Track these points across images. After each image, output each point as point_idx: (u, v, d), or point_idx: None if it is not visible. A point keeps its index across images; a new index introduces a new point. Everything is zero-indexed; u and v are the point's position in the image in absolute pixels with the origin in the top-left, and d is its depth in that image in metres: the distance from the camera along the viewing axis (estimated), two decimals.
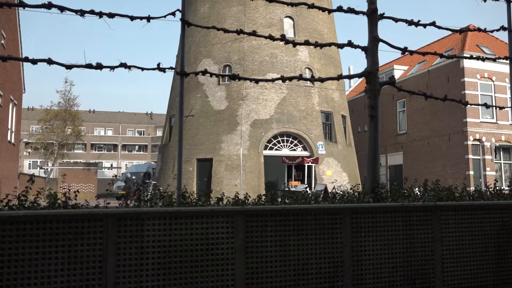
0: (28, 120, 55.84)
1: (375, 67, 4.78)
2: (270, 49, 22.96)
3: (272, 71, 22.75)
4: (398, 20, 4.57)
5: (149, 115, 76.67)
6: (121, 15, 3.25)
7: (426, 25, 4.49)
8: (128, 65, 3.26)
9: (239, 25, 22.79)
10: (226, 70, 23.22)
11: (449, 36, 30.68)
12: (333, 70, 24.77)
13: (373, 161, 5.34)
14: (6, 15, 21.15)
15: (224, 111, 22.82)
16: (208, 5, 24.68)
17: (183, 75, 3.26)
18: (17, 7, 2.77)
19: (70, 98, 44.01)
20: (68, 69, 3.06)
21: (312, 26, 24.50)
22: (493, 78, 26.30)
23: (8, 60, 2.81)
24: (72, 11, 3.07)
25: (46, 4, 3.00)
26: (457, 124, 25.90)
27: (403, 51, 4.73)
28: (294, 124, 22.80)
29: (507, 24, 5.17)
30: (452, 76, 26.45)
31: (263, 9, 23.43)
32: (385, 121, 30.16)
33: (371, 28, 4.39)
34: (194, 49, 24.24)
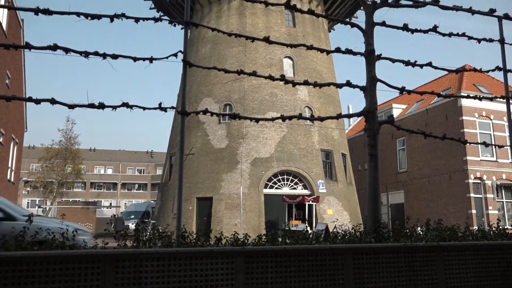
0: (28, 158, 55.92)
1: (373, 106, 4.83)
2: (270, 88, 23.31)
3: (272, 109, 22.99)
4: (395, 61, 4.67)
5: (149, 153, 76.83)
6: (124, 56, 3.32)
7: (422, 65, 4.58)
8: (130, 105, 3.29)
9: (239, 65, 23.25)
10: (227, 108, 23.48)
11: (446, 75, 31.20)
12: (332, 109, 25.04)
13: (374, 200, 5.30)
14: (12, 56, 21.62)
15: (224, 150, 22.88)
16: (209, 46, 25.27)
17: (184, 114, 3.29)
18: (23, 48, 2.83)
19: (71, 137, 44.31)
20: (70, 108, 3.10)
21: (311, 66, 24.98)
22: (491, 116, 26.54)
23: (12, 100, 2.86)
24: (76, 53, 3.14)
25: (51, 46, 3.07)
26: (458, 163, 25.89)
27: (401, 91, 4.80)
28: (294, 162, 22.80)
29: (502, 64, 5.27)
30: (451, 115, 26.70)
31: (263, 50, 23.98)
32: (385, 160, 30.18)
33: (369, 68, 4.48)
34: (195, 88, 24.60)
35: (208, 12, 26.32)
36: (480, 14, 4.65)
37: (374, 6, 4.33)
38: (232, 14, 25.26)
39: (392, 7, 4.17)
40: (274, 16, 24.99)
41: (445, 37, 4.67)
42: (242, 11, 24.98)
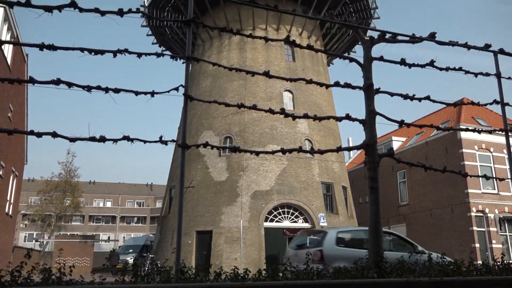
0: (27, 191, 55.63)
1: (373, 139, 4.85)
2: (270, 121, 23.46)
3: (272, 142, 23.07)
4: (393, 95, 4.72)
5: (149, 186, 76.50)
6: (126, 90, 3.36)
7: (421, 99, 4.62)
8: (130, 138, 3.31)
9: (240, 99, 23.51)
10: (227, 141, 23.56)
11: (445, 108, 31.48)
12: (332, 142, 25.12)
13: (375, 233, 5.24)
14: (15, 89, 21.89)
15: (224, 182, 22.80)
16: (210, 80, 25.63)
17: (185, 147, 3.30)
18: (27, 83, 2.87)
19: (71, 169, 44.22)
20: (72, 142, 3.11)
21: (311, 99, 25.25)
22: (491, 149, 26.59)
23: (14, 133, 2.87)
24: (79, 87, 3.18)
25: (55, 80, 3.11)
26: (459, 195, 25.74)
27: (400, 124, 4.82)
28: (294, 195, 22.67)
29: (499, 97, 5.33)
30: (450, 147, 26.76)
31: (263, 84, 24.30)
32: (386, 192, 30.01)
33: (368, 102, 4.52)
34: (195, 121, 24.77)
35: (209, 46, 26.84)
36: (475, 49, 4.74)
37: (372, 42, 4.42)
38: (233, 49, 25.75)
39: (390, 42, 4.25)
40: (274, 51, 25.47)
41: (442, 71, 4.74)
42: (243, 46, 25.48)
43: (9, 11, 18.50)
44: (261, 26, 25.75)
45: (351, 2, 27.67)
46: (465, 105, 7.59)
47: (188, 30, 3.24)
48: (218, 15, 26.01)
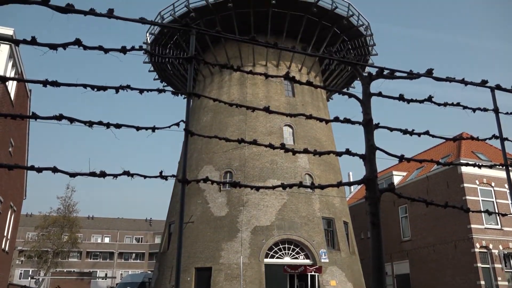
0: (25, 226, 54.96)
1: (373, 174, 4.84)
2: (270, 155, 23.49)
3: (272, 177, 23.00)
4: (393, 130, 4.74)
5: (148, 221, 75.66)
6: (127, 125, 3.38)
7: (420, 134, 4.64)
8: (131, 173, 3.30)
9: (240, 133, 23.64)
10: (227, 176, 23.50)
11: (444, 142, 31.58)
12: (332, 176, 25.05)
13: (378, 270, 5.14)
14: (17, 124, 22.05)
15: (224, 218, 22.57)
16: (211, 115, 25.85)
17: (185, 182, 3.29)
18: (29, 118, 2.90)
19: (70, 204, 43.89)
20: (72, 177, 3.11)
21: (311, 134, 25.37)
22: (492, 183, 26.47)
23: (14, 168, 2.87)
24: (81, 122, 3.20)
25: (57, 116, 3.14)
26: (462, 231, 25.39)
27: (400, 159, 4.82)
28: (295, 230, 22.38)
29: (498, 132, 5.35)
30: (452, 182, 26.64)
31: (263, 119, 24.49)
32: (388, 228, 29.63)
33: (368, 137, 4.54)
34: (196, 156, 24.80)
35: (210, 82, 27.25)
36: (472, 85, 4.81)
37: (370, 78, 4.48)
38: (234, 84, 26.12)
39: (388, 78, 4.32)
40: (274, 86, 25.82)
41: (441, 106, 4.78)
42: (243, 81, 25.86)
43: (14, 48, 18.90)
44: (261, 63, 26.23)
45: (349, 39, 28.29)
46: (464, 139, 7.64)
47: (190, 67, 3.29)
48: (219, 51, 26.54)
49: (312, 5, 25.54)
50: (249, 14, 25.36)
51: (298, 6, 25.60)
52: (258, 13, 25.44)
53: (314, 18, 26.04)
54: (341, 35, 27.75)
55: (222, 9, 25.62)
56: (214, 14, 25.68)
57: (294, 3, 25.40)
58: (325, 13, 26.01)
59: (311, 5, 25.57)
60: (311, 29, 26.48)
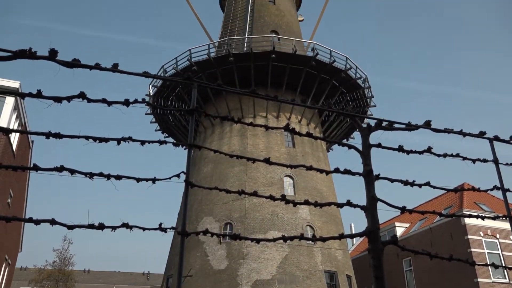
0: (18, 280, 53.38)
1: (375, 226, 4.77)
2: (271, 207, 23.26)
3: (273, 229, 22.64)
4: (393, 181, 4.73)
5: (145, 275, 73.57)
6: (127, 177, 3.38)
7: (421, 185, 4.63)
8: (129, 225, 3.26)
9: (240, 184, 23.55)
10: (227, 227, 23.15)
11: (446, 193, 31.36)
12: (334, 228, 24.66)
13: None
14: (17, 175, 22.04)
15: (224, 271, 21.98)
16: (211, 166, 25.87)
17: (184, 235, 3.24)
18: (30, 170, 2.91)
19: (66, 257, 42.82)
20: (70, 229, 3.07)
21: (312, 184, 25.26)
22: (497, 235, 26.01)
23: (12, 221, 2.84)
24: (81, 174, 3.20)
25: (58, 168, 3.15)
26: (469, 285, 24.62)
27: (402, 211, 4.77)
28: (297, 284, 21.71)
29: (499, 183, 5.33)
30: (455, 233, 26.19)
31: (264, 169, 24.49)
32: (392, 282, 28.76)
33: (368, 188, 4.52)
34: (196, 207, 24.55)
35: (211, 133, 27.51)
36: (471, 136, 4.85)
37: (369, 129, 4.54)
38: (234, 135, 26.36)
39: (386, 130, 4.37)
40: (274, 137, 26.04)
41: (440, 157, 4.80)
42: (244, 132, 26.12)
43: (19, 100, 19.27)
44: (262, 114, 26.62)
45: (348, 92, 28.88)
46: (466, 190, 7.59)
47: (191, 119, 3.34)
48: (220, 103, 27.02)
49: (311, 59, 26.32)
50: (249, 68, 26.07)
51: (297, 60, 26.38)
52: (258, 66, 26.16)
53: (313, 71, 26.75)
54: (339, 87, 28.36)
55: (223, 63, 26.37)
56: (215, 68, 26.41)
57: (294, 57, 26.19)
58: (323, 67, 26.74)
59: (310, 59, 26.34)
60: (310, 82, 27.11)
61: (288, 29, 31.53)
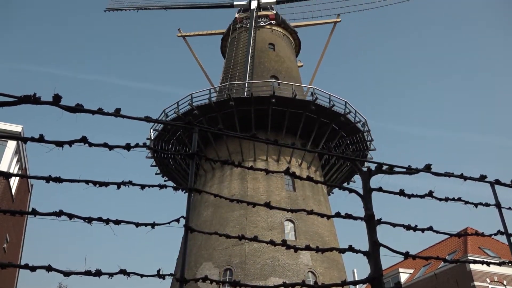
0: None
1: (378, 272, 4.67)
2: (271, 252, 22.81)
3: (274, 275, 22.10)
4: (396, 225, 4.68)
5: None
6: (126, 221, 3.35)
7: (423, 229, 4.57)
8: (127, 272, 3.20)
9: (240, 228, 23.23)
10: (227, 273, 22.60)
11: (450, 237, 30.82)
12: (337, 274, 24.06)
13: None
14: (15, 220, 21.79)
15: None
16: (211, 210, 25.62)
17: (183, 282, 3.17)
18: (29, 214, 2.89)
19: None
20: (66, 276, 3.00)
21: (313, 229, 24.91)
22: (504, 282, 25.34)
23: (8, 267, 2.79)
24: (80, 218, 3.18)
25: (57, 212, 3.13)
26: None
27: (405, 256, 4.69)
28: None
29: (503, 228, 5.27)
30: (461, 280, 25.51)
31: (264, 213, 24.23)
32: None
33: (370, 233, 4.47)
34: (195, 252, 24.08)
35: (211, 177, 27.44)
36: (472, 180, 4.84)
37: (370, 173, 4.54)
38: (234, 179, 26.28)
39: (387, 173, 4.37)
40: (275, 181, 25.95)
41: (442, 201, 4.78)
42: (244, 176, 26.05)
43: (21, 144, 19.38)
44: (262, 157, 26.68)
45: (347, 135, 29.08)
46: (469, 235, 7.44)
47: (192, 163, 3.36)
48: (221, 147, 27.15)
49: (310, 104, 26.70)
50: (250, 112, 26.40)
51: (297, 104, 26.76)
52: (258, 110, 26.50)
53: (313, 115, 27.06)
54: (339, 131, 28.58)
55: (224, 107, 26.74)
56: (216, 112, 26.74)
57: (293, 102, 26.58)
58: (323, 111, 27.07)
59: (310, 104, 26.72)
60: (310, 125, 27.36)
61: (287, 74, 32.21)
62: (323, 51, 36.86)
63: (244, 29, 34.72)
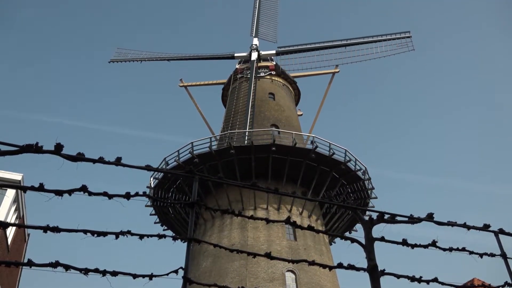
0: None
1: None
2: None
3: None
4: (400, 276, 4.57)
5: None
6: (124, 273, 3.28)
7: (429, 281, 4.47)
8: None
9: (240, 280, 22.61)
10: None
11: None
12: None
13: None
14: (9, 271, 21.25)
15: None
16: (210, 260, 25.06)
17: None
18: (24, 265, 2.83)
19: None
20: None
21: (315, 280, 24.23)
22: None
23: None
24: (76, 270, 3.12)
25: (53, 263, 3.07)
26: None
27: None
28: None
29: (510, 279, 5.14)
30: None
31: (265, 264, 23.67)
32: None
33: (374, 284, 4.35)
34: None
35: (211, 226, 27.06)
36: (475, 229, 4.78)
37: (372, 222, 4.49)
38: (234, 228, 25.90)
39: (389, 223, 4.33)
40: (276, 230, 25.56)
41: (446, 251, 4.69)
42: (244, 225, 25.70)
43: (20, 193, 19.28)
44: (263, 206, 26.44)
45: (348, 183, 28.97)
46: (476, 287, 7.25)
47: (191, 213, 3.33)
48: (221, 195, 26.97)
49: (310, 152, 26.83)
50: (250, 160, 26.48)
51: (297, 153, 26.89)
52: (259, 159, 26.59)
53: (313, 163, 27.11)
54: (340, 179, 28.51)
55: (225, 155, 26.84)
56: (217, 160, 26.81)
57: (293, 150, 26.73)
58: (323, 159, 27.15)
59: (310, 152, 26.86)
60: (311, 174, 27.34)
61: (287, 123, 32.61)
62: (322, 100, 37.56)
63: (245, 79, 35.55)
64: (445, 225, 4.58)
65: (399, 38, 36.53)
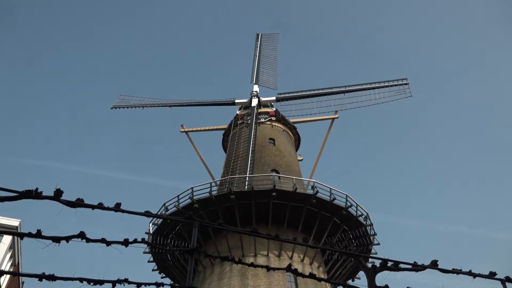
0: None
1: None
2: None
3: None
4: None
5: None
6: None
7: None
8: None
9: None
10: None
11: None
12: None
13: None
14: None
15: None
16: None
17: None
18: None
19: None
20: None
21: None
22: None
23: None
24: None
25: None
26: None
27: None
28: None
29: None
30: None
31: None
32: None
33: None
34: None
35: (210, 273, 26.39)
36: (481, 277, 4.67)
37: (375, 270, 4.39)
38: (234, 275, 25.24)
39: (392, 270, 4.23)
40: (276, 277, 24.90)
41: None
42: (244, 272, 25.07)
43: (16, 239, 18.97)
44: (263, 253, 25.91)
45: (350, 229, 28.53)
46: None
47: (190, 260, 3.27)
48: (221, 241, 26.49)
49: (311, 197, 26.62)
50: (251, 205, 26.23)
51: (297, 198, 26.68)
52: (259, 204, 26.35)
53: (314, 209, 26.83)
54: (341, 225, 28.10)
55: (225, 201, 26.62)
56: (217, 205, 26.56)
57: (294, 195, 26.54)
58: (324, 204, 26.89)
59: (310, 197, 26.65)
60: (312, 219, 26.98)
61: (288, 168, 32.58)
62: (322, 145, 37.76)
63: (245, 125, 35.92)
64: (450, 273, 4.48)
65: (397, 85, 37.27)
